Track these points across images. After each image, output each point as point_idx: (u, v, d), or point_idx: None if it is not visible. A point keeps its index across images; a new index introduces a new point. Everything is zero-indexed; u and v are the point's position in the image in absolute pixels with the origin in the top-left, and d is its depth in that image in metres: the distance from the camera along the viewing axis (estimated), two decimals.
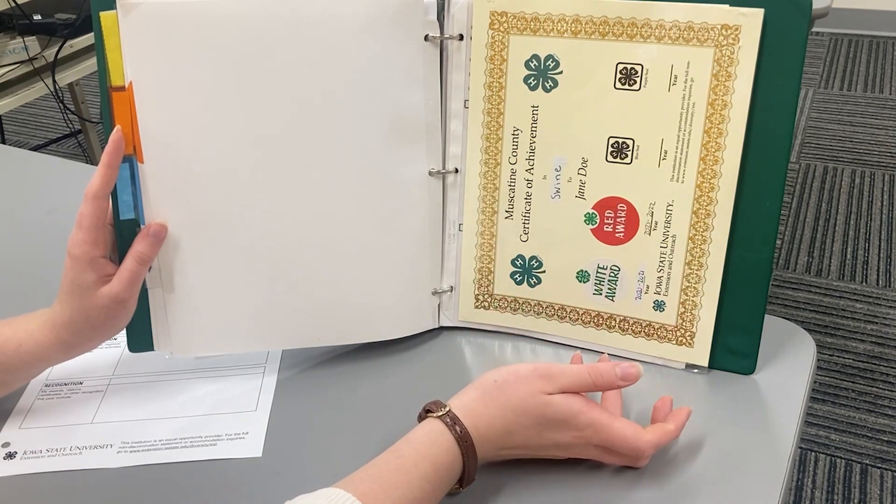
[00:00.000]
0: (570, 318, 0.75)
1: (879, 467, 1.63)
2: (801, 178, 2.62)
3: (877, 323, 2.01)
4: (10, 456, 0.65)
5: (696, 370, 0.72)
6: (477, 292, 0.77)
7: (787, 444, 0.64)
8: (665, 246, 0.70)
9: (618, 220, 0.71)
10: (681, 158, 0.68)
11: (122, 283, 0.64)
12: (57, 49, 2.02)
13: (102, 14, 0.63)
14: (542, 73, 0.70)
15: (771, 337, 0.72)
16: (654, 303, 0.72)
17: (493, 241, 0.76)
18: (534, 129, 0.71)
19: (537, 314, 0.76)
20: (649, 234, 0.71)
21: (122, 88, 0.64)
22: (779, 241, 2.32)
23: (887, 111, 3.03)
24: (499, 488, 0.61)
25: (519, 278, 0.76)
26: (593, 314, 0.74)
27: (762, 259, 0.68)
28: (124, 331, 0.69)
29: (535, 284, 0.75)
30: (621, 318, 0.74)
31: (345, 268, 0.72)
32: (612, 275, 0.73)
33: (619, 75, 0.68)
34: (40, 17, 2.01)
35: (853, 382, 1.84)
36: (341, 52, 0.67)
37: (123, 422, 0.69)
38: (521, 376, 0.60)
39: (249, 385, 0.72)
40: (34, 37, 1.99)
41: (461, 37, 0.71)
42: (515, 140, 0.72)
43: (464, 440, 0.57)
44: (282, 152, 0.68)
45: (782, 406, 0.68)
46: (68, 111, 2.49)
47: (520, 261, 0.75)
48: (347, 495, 0.52)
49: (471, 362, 0.76)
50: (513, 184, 0.73)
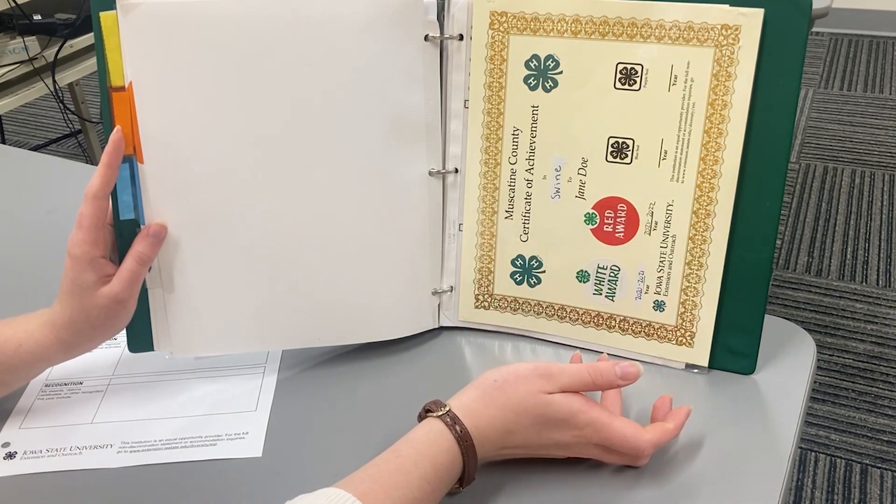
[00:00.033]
0: (570, 318, 0.75)
1: (879, 467, 1.63)
2: (801, 178, 2.62)
3: (877, 323, 2.01)
4: (10, 456, 0.65)
5: (696, 370, 0.72)
6: (477, 292, 0.77)
7: (787, 444, 0.64)
8: (665, 246, 0.70)
9: (618, 220, 0.71)
10: (681, 158, 0.68)
11: (121, 283, 0.64)
12: (57, 49, 2.02)
13: (102, 14, 0.63)
14: (542, 73, 0.70)
15: (771, 337, 0.72)
16: (654, 303, 0.72)
17: (493, 241, 0.76)
18: (534, 129, 0.71)
19: (537, 314, 0.76)
20: (649, 234, 0.71)
21: (122, 89, 0.64)
22: (779, 241, 2.32)
23: (887, 111, 3.03)
24: (499, 488, 0.61)
25: (519, 278, 0.76)
26: (593, 314, 0.74)
27: (762, 259, 0.68)
28: (124, 331, 0.69)
29: (535, 284, 0.75)
30: (621, 318, 0.74)
31: (345, 268, 0.72)
32: (612, 275, 0.73)
33: (619, 75, 0.68)
34: (40, 17, 2.01)
35: (853, 382, 1.84)
36: (341, 52, 0.67)
37: (123, 422, 0.69)
38: (520, 376, 0.60)
39: (249, 385, 0.72)
40: (34, 37, 1.99)
41: (461, 37, 0.71)
42: (515, 140, 0.72)
43: (464, 440, 0.57)
44: (282, 152, 0.68)
45: (782, 406, 0.68)
46: (68, 111, 2.49)
47: (520, 261, 0.75)
48: (347, 495, 0.52)
49: (471, 362, 0.76)
50: (513, 184, 0.73)
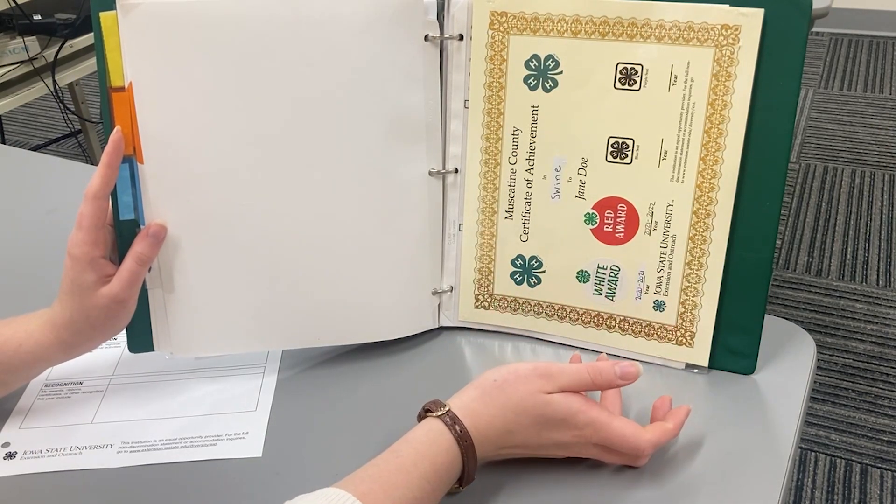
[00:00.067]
0: (570, 318, 0.75)
1: (879, 467, 1.63)
2: (801, 178, 2.62)
3: (877, 323, 2.01)
4: (10, 456, 0.65)
5: (696, 370, 0.72)
6: (477, 292, 0.77)
7: (787, 444, 0.64)
8: (665, 246, 0.70)
9: (618, 220, 0.71)
10: (681, 158, 0.68)
11: (121, 283, 0.64)
12: (57, 49, 2.02)
13: (102, 14, 0.63)
14: (542, 73, 0.70)
15: (771, 337, 0.72)
16: (654, 303, 0.72)
17: (493, 241, 0.76)
18: (534, 129, 0.71)
19: (537, 314, 0.76)
20: (649, 234, 0.71)
21: (121, 89, 0.64)
22: (779, 241, 2.32)
23: (887, 111, 3.03)
24: (499, 488, 0.61)
25: (519, 278, 0.76)
26: (593, 314, 0.74)
27: (762, 259, 0.68)
28: (124, 331, 0.69)
29: (535, 284, 0.75)
30: (621, 318, 0.74)
31: (345, 268, 0.72)
32: (612, 275, 0.73)
33: (619, 75, 0.68)
34: (40, 17, 2.01)
35: (853, 382, 1.84)
36: (341, 52, 0.67)
37: (123, 422, 0.69)
38: (520, 375, 0.60)
39: (249, 385, 0.72)
40: (34, 37, 1.99)
41: (461, 37, 0.71)
42: (515, 140, 0.72)
43: (463, 440, 0.57)
44: (282, 152, 0.68)
45: (782, 406, 0.68)
46: (68, 111, 2.49)
47: (520, 261, 0.75)
48: (347, 495, 0.52)
49: (471, 362, 0.76)
50: (513, 184, 0.73)
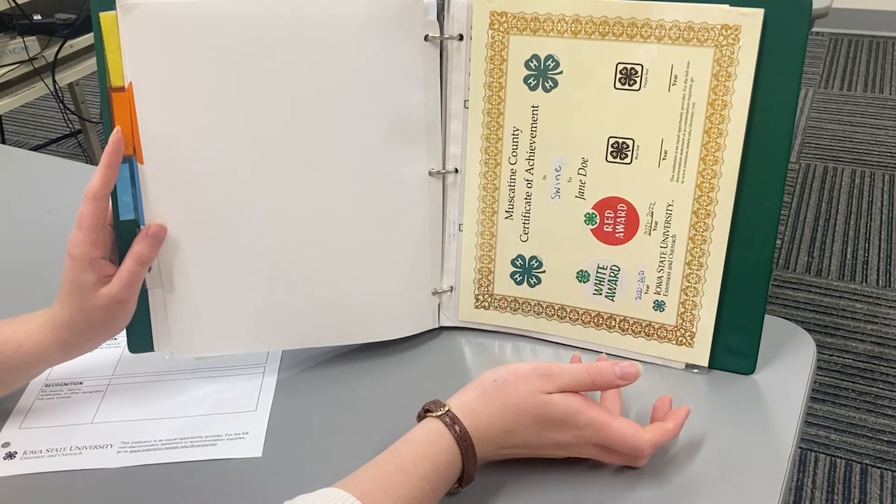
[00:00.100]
0: (570, 318, 0.75)
1: (879, 467, 1.63)
2: (801, 178, 2.62)
3: (877, 323, 2.01)
4: (10, 456, 0.65)
5: (696, 370, 0.72)
6: (477, 292, 0.77)
7: (787, 444, 0.64)
8: (665, 246, 0.70)
9: (618, 220, 0.71)
10: (681, 158, 0.68)
11: (121, 283, 0.64)
12: (57, 49, 2.02)
13: (102, 14, 0.63)
14: (542, 73, 0.70)
15: (771, 337, 0.72)
16: (654, 303, 0.72)
17: (493, 241, 0.76)
18: (534, 129, 0.71)
19: (537, 314, 0.76)
20: (649, 234, 0.71)
21: (121, 89, 0.64)
22: (779, 241, 2.32)
23: (887, 111, 3.03)
24: (498, 488, 0.61)
25: (519, 278, 0.76)
26: (593, 314, 0.74)
27: (762, 259, 0.68)
28: (124, 331, 0.69)
29: (535, 284, 0.75)
30: (621, 318, 0.74)
31: (345, 268, 0.72)
32: (612, 275, 0.73)
33: (619, 75, 0.68)
34: (40, 17, 2.01)
35: (853, 382, 1.84)
36: (341, 52, 0.67)
37: (123, 422, 0.69)
38: (520, 375, 0.60)
39: (249, 385, 0.72)
40: (34, 37, 1.99)
41: (461, 37, 0.71)
42: (515, 140, 0.72)
43: (463, 440, 0.57)
44: (282, 152, 0.68)
45: (782, 406, 0.68)
46: (68, 111, 2.49)
47: (520, 261, 0.75)
48: (347, 495, 0.52)
49: (471, 362, 0.76)
50: (513, 184, 0.73)
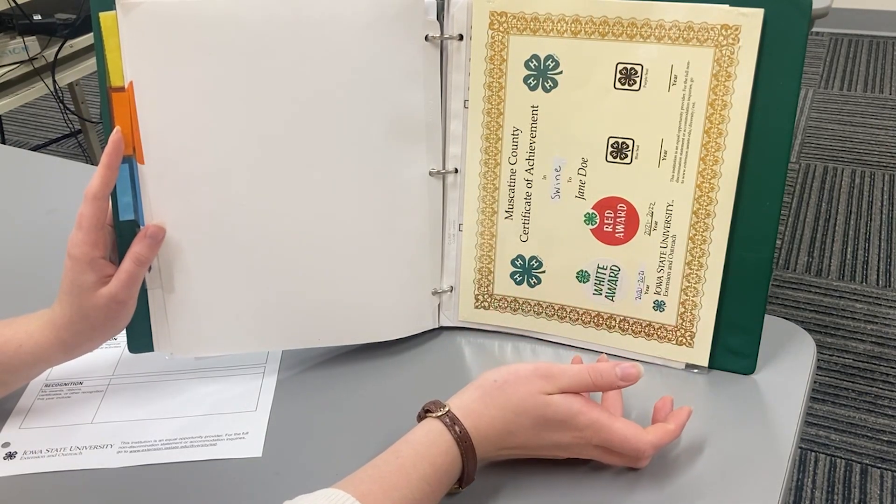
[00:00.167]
0: (570, 318, 0.75)
1: (879, 467, 1.63)
2: (801, 178, 2.62)
3: (877, 323, 2.01)
4: (10, 456, 0.65)
5: (696, 370, 0.72)
6: (477, 292, 0.77)
7: (787, 444, 0.64)
8: (665, 246, 0.70)
9: (618, 220, 0.71)
10: (681, 158, 0.68)
11: (120, 283, 0.64)
12: (57, 49, 2.02)
13: (102, 14, 0.63)
14: (542, 73, 0.70)
15: (771, 337, 0.72)
16: (654, 303, 0.72)
17: (493, 241, 0.76)
18: (534, 129, 0.71)
19: (537, 314, 0.76)
20: (649, 234, 0.71)
21: (121, 89, 0.64)
22: (779, 241, 2.31)
23: (887, 111, 3.03)
24: (498, 488, 0.61)
25: (519, 278, 0.76)
26: (593, 314, 0.74)
27: (762, 259, 0.68)
28: (124, 331, 0.69)
29: (535, 284, 0.75)
30: (621, 318, 0.74)
31: (345, 268, 0.72)
32: (612, 275, 0.73)
33: (619, 75, 0.68)
34: (40, 17, 2.01)
35: (853, 382, 1.84)
36: (341, 52, 0.67)
37: (123, 422, 0.69)
38: (521, 376, 0.60)
39: (249, 385, 0.72)
40: (34, 37, 1.99)
41: (461, 37, 0.71)
42: (515, 140, 0.72)
43: (463, 440, 0.57)
44: (282, 152, 0.68)
45: (782, 406, 0.68)
46: (68, 111, 2.49)
47: (520, 261, 0.75)
48: (347, 496, 0.52)
49: (471, 362, 0.76)
50: (513, 184, 0.73)
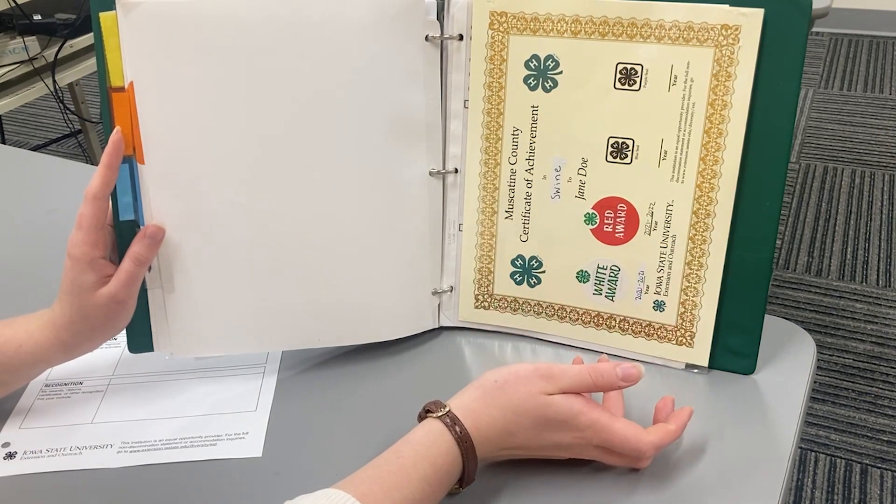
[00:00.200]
0: (570, 318, 0.75)
1: (879, 467, 1.63)
2: (801, 178, 2.62)
3: (877, 323, 2.01)
4: (10, 456, 0.65)
5: (696, 370, 0.72)
6: (477, 292, 0.77)
7: (787, 444, 0.64)
8: (665, 246, 0.70)
9: (618, 220, 0.71)
10: (681, 158, 0.68)
11: (119, 283, 0.64)
12: (57, 49, 2.02)
13: (102, 14, 0.63)
14: (542, 74, 0.70)
15: (771, 337, 0.72)
16: (654, 303, 0.72)
17: (492, 241, 0.76)
18: (534, 129, 0.71)
19: (537, 314, 0.76)
20: (649, 234, 0.71)
21: (121, 89, 0.64)
22: (779, 241, 2.32)
23: (887, 111, 3.03)
24: (499, 489, 0.61)
25: (519, 278, 0.76)
26: (593, 314, 0.74)
27: (762, 259, 0.68)
28: (124, 331, 0.69)
29: (535, 284, 0.75)
30: (621, 318, 0.74)
31: (345, 268, 0.72)
32: (612, 275, 0.73)
33: (619, 75, 0.68)
34: (40, 17, 2.01)
35: (853, 382, 1.84)
36: (341, 53, 0.67)
37: (123, 422, 0.69)
38: (521, 377, 0.60)
39: (249, 385, 0.72)
40: (34, 37, 1.99)
41: (461, 37, 0.71)
42: (515, 140, 0.72)
43: (463, 441, 0.57)
44: (282, 152, 0.68)
45: (782, 406, 0.68)
46: (68, 111, 2.49)
47: (520, 261, 0.75)
48: (347, 496, 0.52)
49: (471, 362, 0.76)
50: (513, 184, 0.73)
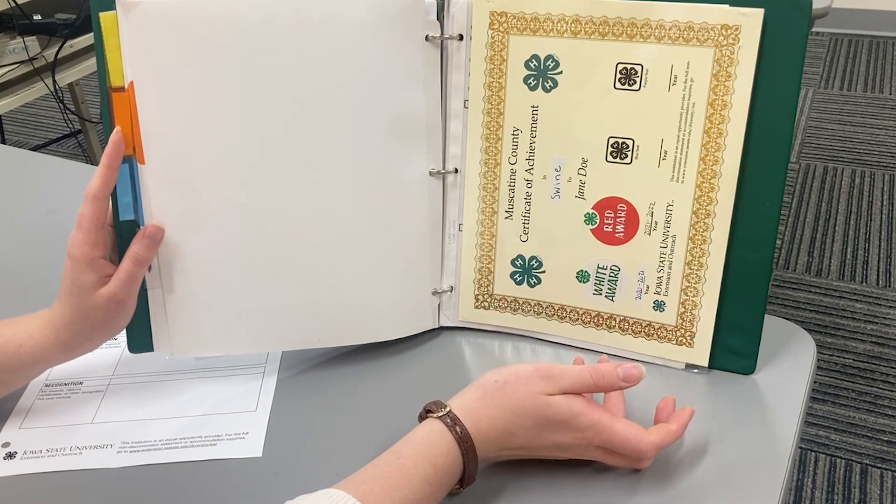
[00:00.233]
0: (570, 318, 0.75)
1: (879, 467, 1.63)
2: (801, 178, 2.62)
3: (877, 323, 2.01)
4: (10, 456, 0.65)
5: (696, 370, 0.72)
6: (477, 292, 0.77)
7: (787, 444, 0.64)
8: (665, 246, 0.70)
9: (618, 220, 0.71)
10: (681, 158, 0.68)
11: (119, 283, 0.64)
12: (57, 49, 2.02)
13: (102, 14, 0.63)
14: (542, 73, 0.70)
15: (771, 337, 0.72)
16: (654, 303, 0.72)
17: (492, 241, 0.76)
18: (534, 129, 0.71)
19: (537, 314, 0.76)
20: (649, 234, 0.71)
21: (121, 89, 0.64)
22: (779, 241, 2.32)
23: (887, 111, 3.03)
24: (499, 489, 0.61)
25: (519, 278, 0.76)
26: (593, 314, 0.74)
27: (762, 259, 0.68)
28: (124, 331, 0.69)
29: (535, 284, 0.75)
30: (621, 318, 0.74)
31: (345, 268, 0.72)
32: (612, 275, 0.73)
33: (618, 75, 0.68)
34: (40, 17, 2.01)
35: (853, 382, 1.84)
36: (342, 53, 0.67)
37: (123, 422, 0.69)
38: (522, 377, 0.60)
39: (249, 385, 0.72)
40: (34, 37, 1.99)
41: (461, 37, 0.71)
42: (515, 140, 0.72)
43: (464, 441, 0.57)
44: (282, 152, 0.68)
45: (782, 406, 0.68)
46: (68, 111, 2.49)
47: (520, 261, 0.75)
48: (348, 496, 0.52)
49: (471, 362, 0.76)
50: (513, 184, 0.73)
